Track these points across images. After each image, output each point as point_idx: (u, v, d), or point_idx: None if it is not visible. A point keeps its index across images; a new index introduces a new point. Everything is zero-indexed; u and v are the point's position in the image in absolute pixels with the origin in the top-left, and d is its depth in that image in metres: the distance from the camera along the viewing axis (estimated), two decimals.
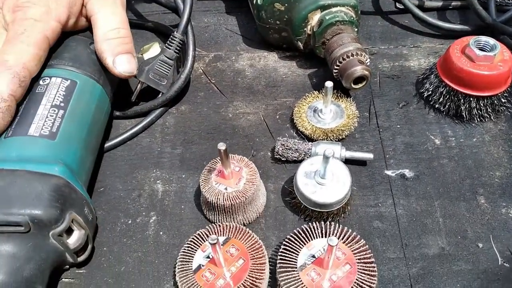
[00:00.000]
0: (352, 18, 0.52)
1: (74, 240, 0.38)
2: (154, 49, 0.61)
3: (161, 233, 0.44)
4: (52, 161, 0.38)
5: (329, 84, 0.46)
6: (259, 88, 0.56)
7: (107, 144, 0.50)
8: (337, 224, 0.39)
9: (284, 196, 0.46)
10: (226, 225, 0.40)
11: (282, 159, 0.47)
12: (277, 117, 0.53)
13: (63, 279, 0.41)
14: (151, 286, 0.41)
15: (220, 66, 0.59)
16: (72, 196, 0.37)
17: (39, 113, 0.41)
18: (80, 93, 0.44)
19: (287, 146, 0.47)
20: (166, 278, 0.41)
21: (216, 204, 0.41)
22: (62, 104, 0.43)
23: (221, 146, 0.38)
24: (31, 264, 0.35)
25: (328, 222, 0.40)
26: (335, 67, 0.50)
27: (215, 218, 0.43)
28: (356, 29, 0.53)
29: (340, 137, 0.49)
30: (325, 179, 0.41)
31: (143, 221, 0.45)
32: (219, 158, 0.41)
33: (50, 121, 0.41)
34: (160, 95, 0.53)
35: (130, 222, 0.45)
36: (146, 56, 0.60)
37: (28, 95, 0.43)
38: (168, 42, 0.53)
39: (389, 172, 0.47)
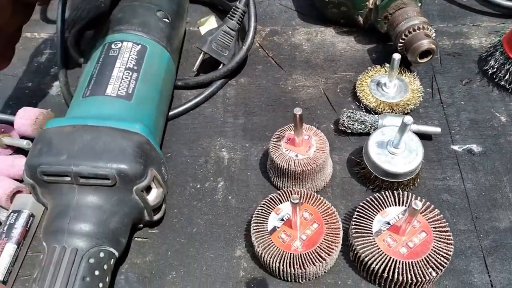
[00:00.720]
0: None
1: (153, 197, 0.39)
2: (210, 23, 0.62)
3: (229, 197, 0.45)
4: (131, 120, 0.39)
5: (396, 56, 0.46)
6: (317, 62, 0.56)
7: (171, 113, 0.51)
8: (410, 194, 0.40)
9: (350, 167, 0.46)
10: (298, 191, 0.41)
11: (347, 131, 0.48)
12: (338, 90, 0.53)
13: (136, 238, 0.43)
14: (223, 247, 0.42)
15: (277, 40, 0.60)
16: (152, 154, 0.38)
17: (114, 75, 0.42)
18: (151, 57, 0.45)
19: (353, 118, 0.47)
20: (238, 240, 0.42)
21: (287, 170, 0.42)
22: (135, 67, 0.44)
23: (297, 111, 0.39)
24: (116, 217, 0.37)
25: (400, 192, 0.40)
26: (401, 40, 0.50)
27: (284, 185, 0.44)
28: (419, 4, 0.53)
29: (406, 111, 0.49)
30: (398, 149, 0.41)
31: (211, 186, 0.46)
32: (292, 124, 0.41)
33: (125, 83, 0.42)
34: (221, 66, 0.54)
35: (198, 186, 0.46)
36: (202, 29, 0.61)
37: (102, 57, 0.44)
38: (230, 13, 0.53)
39: (455, 147, 0.47)
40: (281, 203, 0.41)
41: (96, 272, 0.34)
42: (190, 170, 0.47)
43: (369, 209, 0.39)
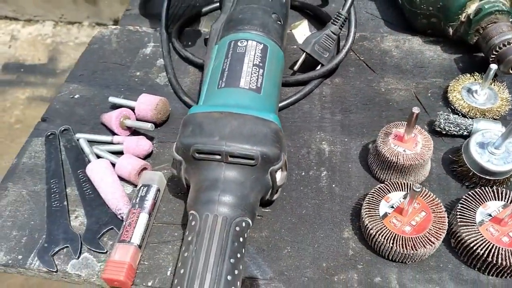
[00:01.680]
0: (508, 8, 0.57)
1: (279, 178, 0.45)
2: (302, 26, 0.68)
3: (333, 185, 0.51)
4: (265, 110, 0.45)
5: (494, 66, 0.51)
6: (407, 68, 0.62)
7: None
8: (509, 190, 0.45)
9: (445, 165, 0.51)
10: (404, 183, 0.47)
11: (443, 132, 0.53)
12: (429, 95, 0.58)
13: None
14: (331, 229, 0.47)
15: (367, 45, 0.65)
16: (283, 141, 0.44)
17: (244, 70, 0.48)
18: (271, 56, 0.51)
19: (449, 120, 0.52)
20: (345, 223, 0.48)
21: (395, 164, 0.47)
22: (260, 64, 0.50)
23: (416, 109, 0.44)
24: (253, 193, 0.43)
25: (499, 188, 0.45)
26: (494, 52, 0.55)
27: (388, 177, 0.49)
28: (511, 20, 0.58)
29: (496, 117, 0.54)
30: (498, 150, 0.46)
31: (315, 174, 0.52)
32: (396, 122, 0.47)
33: (254, 77, 0.48)
34: (319, 67, 0.60)
35: (303, 174, 0.52)
36: (295, 32, 0.67)
37: (230, 53, 0.50)
38: (333, 18, 0.59)
39: None
40: (390, 192, 0.46)
41: (241, 239, 0.40)
42: (294, 159, 0.53)
43: (472, 202, 0.45)
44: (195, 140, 0.42)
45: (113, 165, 0.52)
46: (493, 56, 0.56)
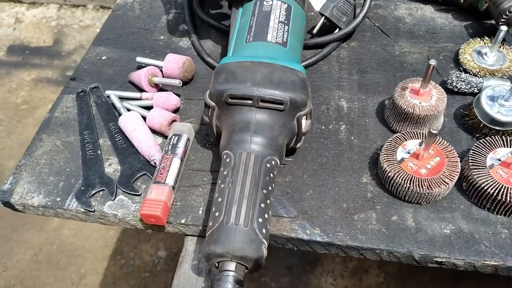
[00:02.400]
0: None
1: (305, 126, 0.49)
2: None
3: (352, 137, 0.55)
4: (292, 61, 0.49)
5: (504, 28, 0.55)
6: (420, 33, 0.66)
7: None
8: None
9: (457, 120, 0.55)
10: (420, 132, 0.51)
11: (454, 90, 0.57)
12: (441, 57, 0.62)
13: None
14: (351, 175, 0.51)
15: (381, 12, 0.69)
16: (309, 90, 0.48)
17: (271, 26, 0.52)
18: (295, 15, 0.55)
19: (461, 78, 0.56)
20: (363, 170, 0.52)
21: (411, 115, 0.51)
22: (285, 21, 0.53)
23: (433, 62, 0.48)
24: (281, 137, 0.47)
25: (507, 136, 0.49)
26: (504, 16, 0.59)
27: (403, 129, 0.53)
28: None
29: (504, 77, 0.58)
30: (508, 102, 0.50)
31: (335, 128, 0.56)
32: (411, 79, 0.51)
33: (280, 33, 0.52)
34: (337, 31, 0.64)
35: (323, 127, 0.56)
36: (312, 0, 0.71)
37: (257, 11, 0.54)
38: None
39: None
40: (406, 140, 0.50)
41: (271, 175, 0.44)
42: (314, 115, 0.57)
43: (483, 148, 0.49)
44: (228, 86, 0.45)
45: (144, 118, 0.56)
46: (503, 20, 0.60)
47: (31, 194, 0.52)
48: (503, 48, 0.60)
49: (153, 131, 0.55)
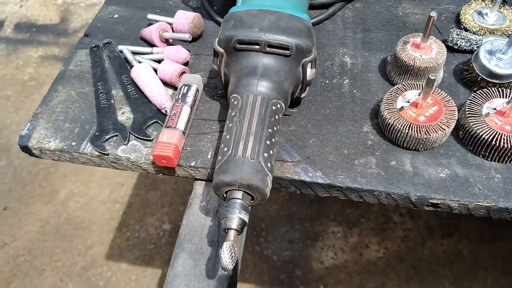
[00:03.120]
0: None
1: (309, 74, 0.51)
2: None
3: (354, 91, 0.58)
4: (298, 11, 0.51)
5: None
6: None
7: None
8: None
9: (456, 76, 0.58)
10: (419, 83, 0.53)
11: (455, 47, 0.60)
12: (442, 18, 0.65)
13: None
14: (352, 125, 0.54)
15: None
16: (314, 38, 0.51)
17: None
18: None
19: (461, 35, 0.59)
20: (364, 121, 0.55)
21: (412, 67, 0.54)
22: None
23: (433, 13, 0.50)
24: (287, 82, 0.49)
25: (504, 88, 0.52)
26: None
27: (404, 81, 0.56)
28: None
29: (504, 36, 0.60)
30: (506, 56, 0.53)
31: (338, 82, 0.59)
32: (414, 34, 0.53)
33: None
34: None
35: (327, 81, 0.59)
36: None
37: None
38: None
39: None
40: (406, 91, 0.53)
41: (276, 117, 0.47)
42: (318, 70, 0.60)
43: (479, 98, 0.51)
44: (236, 32, 0.48)
45: (155, 71, 0.59)
46: None
47: (48, 139, 0.55)
48: (503, 8, 0.63)
49: (164, 82, 0.58)
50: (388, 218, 1.36)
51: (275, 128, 0.46)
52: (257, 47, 0.48)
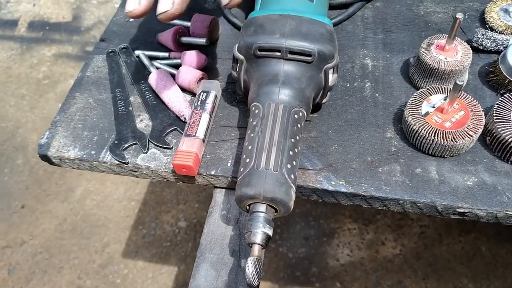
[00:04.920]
0: None
1: (331, 79, 0.50)
2: None
3: (376, 94, 0.56)
4: (319, 15, 0.50)
5: None
6: None
7: None
8: None
9: (481, 77, 0.56)
10: (444, 87, 0.52)
11: (479, 47, 0.58)
12: (466, 17, 0.63)
13: None
14: (375, 130, 0.53)
15: None
16: (336, 43, 0.49)
17: None
18: None
19: (486, 35, 0.57)
20: (387, 126, 0.53)
21: (437, 70, 0.52)
22: None
23: (460, 15, 0.49)
24: (308, 89, 0.48)
25: None
26: None
27: (428, 85, 0.54)
28: None
29: None
30: None
31: (359, 86, 0.57)
32: (437, 35, 0.52)
33: None
34: None
35: (348, 85, 0.57)
36: None
37: None
38: None
39: None
40: (431, 95, 0.51)
41: (298, 125, 0.46)
42: (339, 73, 0.58)
43: (507, 103, 0.50)
44: (257, 38, 0.47)
45: (172, 77, 0.58)
46: None
47: (67, 147, 0.55)
48: None
49: (182, 88, 0.58)
50: (405, 215, 1.34)
51: (297, 137, 0.45)
52: (278, 54, 0.47)
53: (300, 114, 0.47)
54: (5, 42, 1.98)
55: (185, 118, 0.54)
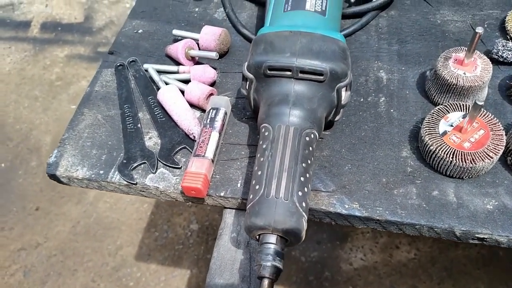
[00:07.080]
0: None
1: (344, 97, 0.48)
2: None
3: (391, 110, 0.54)
4: (332, 30, 0.48)
5: None
6: (463, 0, 0.63)
7: None
8: None
9: (501, 92, 0.54)
10: (463, 104, 0.49)
11: (499, 59, 0.55)
12: (485, 26, 0.60)
13: None
14: (390, 149, 0.51)
15: None
16: (349, 60, 0.47)
17: None
18: None
19: (507, 47, 0.54)
20: (403, 144, 0.51)
21: (455, 86, 0.50)
22: None
23: (480, 29, 0.46)
24: (320, 109, 0.46)
25: None
26: None
27: (446, 100, 0.52)
28: None
29: None
30: None
31: (374, 100, 0.55)
32: (455, 48, 0.49)
33: (319, 1, 0.51)
34: None
35: (362, 100, 0.55)
36: None
37: None
38: None
39: None
40: (449, 113, 0.49)
41: (310, 148, 0.44)
42: (352, 87, 0.56)
43: None
44: (267, 57, 0.45)
45: (181, 92, 0.57)
46: None
47: (76, 167, 0.54)
48: None
49: (191, 104, 0.56)
50: None
51: (309, 162, 0.44)
52: (288, 73, 0.45)
53: (312, 136, 0.45)
54: (18, 43, 1.99)
55: (194, 137, 0.53)
